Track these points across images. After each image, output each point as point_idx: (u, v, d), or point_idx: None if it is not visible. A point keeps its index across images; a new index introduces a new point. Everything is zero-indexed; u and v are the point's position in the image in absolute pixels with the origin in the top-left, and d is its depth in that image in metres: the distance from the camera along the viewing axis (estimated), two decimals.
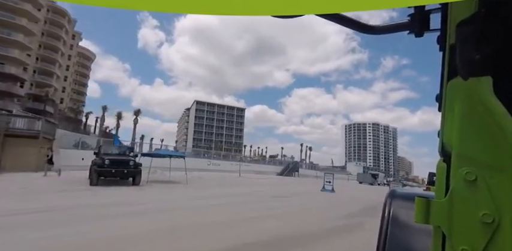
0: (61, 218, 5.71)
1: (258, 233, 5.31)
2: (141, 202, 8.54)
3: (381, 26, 0.96)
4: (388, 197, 1.08)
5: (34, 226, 5.02)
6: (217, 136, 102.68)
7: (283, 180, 25.32)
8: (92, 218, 5.89)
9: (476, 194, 0.48)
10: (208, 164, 27.99)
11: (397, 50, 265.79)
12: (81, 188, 10.82)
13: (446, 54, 0.59)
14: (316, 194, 14.50)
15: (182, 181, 15.98)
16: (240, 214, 7.20)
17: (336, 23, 0.85)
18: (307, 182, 21.99)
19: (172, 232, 5.08)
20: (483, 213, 0.46)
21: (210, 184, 16.20)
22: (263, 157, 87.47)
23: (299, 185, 21.18)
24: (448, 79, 0.56)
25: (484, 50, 0.50)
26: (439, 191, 0.54)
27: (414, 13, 0.80)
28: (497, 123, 0.47)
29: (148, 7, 0.44)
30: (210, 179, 19.52)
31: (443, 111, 0.57)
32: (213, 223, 5.96)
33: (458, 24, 0.54)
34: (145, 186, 12.88)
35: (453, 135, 0.53)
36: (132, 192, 10.84)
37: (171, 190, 12.65)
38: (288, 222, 6.68)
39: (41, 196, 8.58)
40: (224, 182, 18.42)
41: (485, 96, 0.49)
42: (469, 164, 0.49)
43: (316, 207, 9.98)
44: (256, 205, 9.20)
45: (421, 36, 0.81)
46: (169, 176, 18.14)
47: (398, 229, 0.96)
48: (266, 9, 0.44)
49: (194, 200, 9.67)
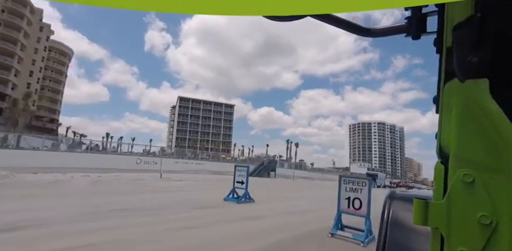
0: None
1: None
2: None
3: (378, 28, 0.95)
4: (387, 199, 1.07)
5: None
6: (203, 135, 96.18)
7: (225, 182, 19.02)
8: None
9: (474, 195, 0.48)
10: (137, 162, 22.24)
11: (408, 49, 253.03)
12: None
13: (443, 56, 0.59)
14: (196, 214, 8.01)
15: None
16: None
17: (333, 25, 0.85)
18: (256, 185, 15.54)
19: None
20: (481, 214, 0.46)
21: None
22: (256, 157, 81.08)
23: (211, 190, 14.38)
24: (445, 81, 0.56)
25: (480, 53, 0.50)
26: (437, 192, 0.54)
27: (411, 16, 0.80)
28: (494, 125, 0.47)
29: (152, 7, 0.43)
30: (78, 184, 13.38)
31: (440, 113, 0.58)
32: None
33: (454, 27, 0.54)
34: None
35: (450, 137, 0.53)
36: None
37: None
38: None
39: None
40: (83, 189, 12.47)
41: (482, 98, 0.49)
42: (466, 166, 0.49)
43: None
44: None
45: (418, 38, 0.82)
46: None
47: (397, 231, 0.96)
48: (263, 9, 0.43)
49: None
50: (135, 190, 11.74)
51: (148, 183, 14.77)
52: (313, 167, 69.41)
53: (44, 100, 62.50)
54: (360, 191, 5.66)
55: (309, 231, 6.01)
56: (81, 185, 12.19)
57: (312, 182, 35.69)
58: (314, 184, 29.91)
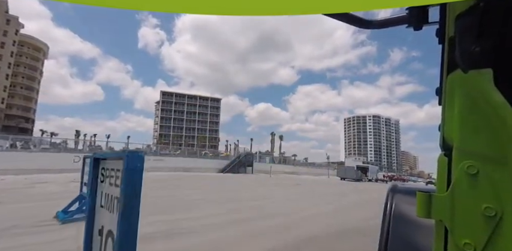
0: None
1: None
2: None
3: (379, 20, 0.95)
4: (389, 192, 1.09)
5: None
6: (188, 131, 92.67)
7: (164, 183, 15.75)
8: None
9: (478, 187, 0.48)
10: (75, 161, 19.45)
11: (405, 42, 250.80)
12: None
13: (445, 47, 0.59)
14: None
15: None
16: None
17: (334, 18, 0.86)
18: (213, 184, 11.99)
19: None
20: (485, 206, 0.46)
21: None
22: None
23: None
24: (447, 72, 0.56)
25: (483, 43, 0.49)
26: (441, 185, 0.54)
27: (412, 6, 0.82)
28: (498, 116, 0.46)
29: (148, 7, 0.43)
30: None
31: (443, 105, 0.57)
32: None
33: (457, 17, 0.54)
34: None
35: (454, 129, 0.52)
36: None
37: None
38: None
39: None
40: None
41: (486, 88, 0.48)
42: (470, 158, 0.49)
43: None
44: None
45: (419, 29, 0.82)
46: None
47: (400, 224, 0.97)
48: (263, 9, 0.43)
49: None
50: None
51: (24, 190, 10.08)
52: (307, 161, 66.44)
53: (17, 98, 59.24)
54: None
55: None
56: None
57: (293, 177, 32.90)
58: (290, 180, 27.13)
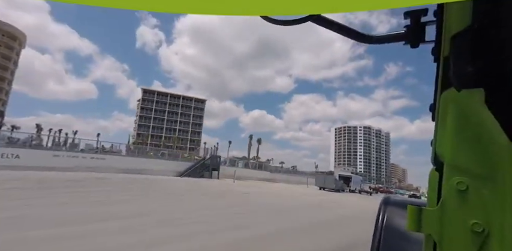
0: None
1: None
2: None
3: (378, 35, 0.97)
4: (382, 204, 1.10)
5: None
6: (168, 131, 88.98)
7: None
8: None
9: (467, 203, 0.48)
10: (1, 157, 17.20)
11: (401, 57, 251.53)
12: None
13: (440, 65, 0.60)
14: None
15: None
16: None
17: (333, 31, 0.88)
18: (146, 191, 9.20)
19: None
20: (473, 222, 0.47)
21: None
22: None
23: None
24: (442, 90, 0.57)
25: (476, 63, 0.50)
26: (431, 199, 0.55)
27: (410, 24, 0.84)
28: (488, 135, 0.48)
29: (148, 7, 0.43)
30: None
31: (436, 121, 0.58)
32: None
33: (452, 37, 0.55)
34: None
35: (445, 145, 0.53)
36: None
37: None
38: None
39: None
40: None
41: (477, 108, 0.49)
42: (460, 174, 0.50)
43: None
44: None
45: (416, 47, 0.84)
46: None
47: (391, 236, 0.98)
48: (262, 9, 0.42)
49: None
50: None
51: None
52: (295, 169, 63.31)
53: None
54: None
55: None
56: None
57: (260, 185, 29.80)
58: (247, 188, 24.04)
